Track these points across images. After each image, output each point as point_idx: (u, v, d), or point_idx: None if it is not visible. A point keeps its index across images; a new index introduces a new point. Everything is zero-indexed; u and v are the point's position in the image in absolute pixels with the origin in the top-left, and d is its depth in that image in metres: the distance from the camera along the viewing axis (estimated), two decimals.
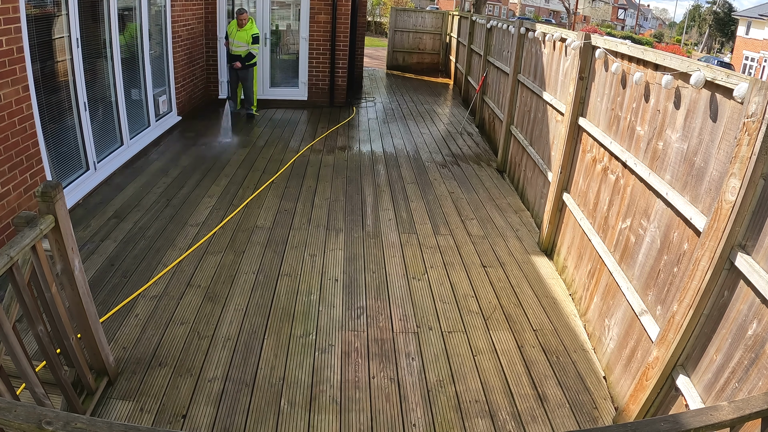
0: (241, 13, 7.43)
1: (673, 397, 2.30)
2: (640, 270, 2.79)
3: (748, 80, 1.96)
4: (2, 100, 3.44)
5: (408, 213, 4.91)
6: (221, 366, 2.82)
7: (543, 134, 4.89)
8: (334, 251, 4.11)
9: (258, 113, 8.12)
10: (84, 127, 4.76)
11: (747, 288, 1.90)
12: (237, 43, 7.55)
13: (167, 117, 7.12)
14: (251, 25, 7.53)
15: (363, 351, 3.03)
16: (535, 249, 4.44)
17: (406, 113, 9.19)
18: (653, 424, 1.51)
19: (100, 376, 2.58)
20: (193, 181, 5.35)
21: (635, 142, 2.99)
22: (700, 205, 2.28)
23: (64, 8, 4.39)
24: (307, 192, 5.26)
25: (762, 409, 1.57)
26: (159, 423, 2.44)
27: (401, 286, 3.71)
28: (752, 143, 1.85)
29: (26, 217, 2.02)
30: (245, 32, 7.45)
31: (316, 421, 2.52)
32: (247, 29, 7.46)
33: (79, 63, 4.59)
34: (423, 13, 15.14)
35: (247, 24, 7.46)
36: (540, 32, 5.16)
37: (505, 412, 2.66)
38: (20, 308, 1.99)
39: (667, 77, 2.54)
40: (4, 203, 3.53)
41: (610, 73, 3.41)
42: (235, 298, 3.42)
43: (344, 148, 6.80)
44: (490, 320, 3.40)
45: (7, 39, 3.44)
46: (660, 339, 2.34)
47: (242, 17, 7.39)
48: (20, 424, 1.30)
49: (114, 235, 4.12)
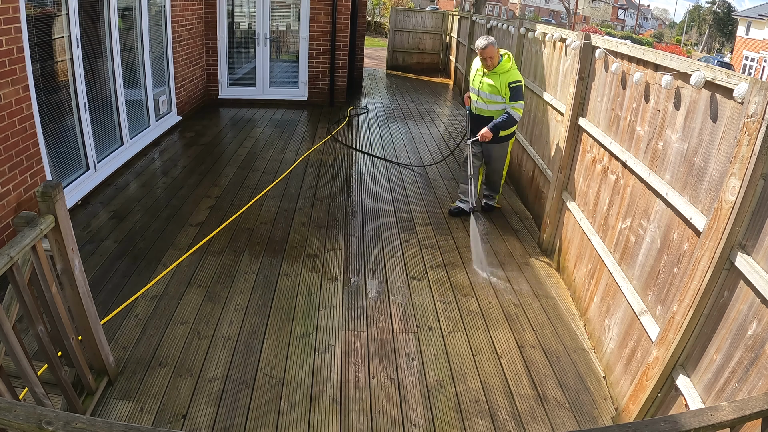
0: (484, 47, 4.26)
1: (673, 397, 2.30)
2: (640, 270, 2.79)
3: (748, 80, 1.96)
4: (2, 100, 3.44)
5: (408, 213, 4.91)
6: (221, 366, 2.82)
7: (543, 134, 4.89)
8: (333, 251, 4.11)
9: (500, 205, 5.19)
10: (84, 127, 4.76)
11: (747, 288, 1.90)
12: (483, 96, 4.46)
13: (167, 117, 7.12)
14: (507, 66, 4.35)
15: (363, 351, 3.03)
16: (535, 249, 4.44)
17: (406, 113, 9.19)
18: (653, 424, 1.51)
19: (100, 376, 2.58)
20: (193, 181, 5.35)
21: (635, 142, 2.99)
22: (700, 205, 2.28)
23: (64, 8, 4.39)
24: (307, 192, 5.26)
25: (762, 409, 1.57)
26: (159, 423, 2.43)
27: (401, 286, 3.71)
28: (752, 143, 1.85)
29: (26, 217, 2.02)
30: (497, 78, 4.34)
31: (316, 421, 2.52)
32: (501, 72, 4.33)
33: (79, 63, 4.59)
34: (423, 13, 15.13)
35: (500, 63, 4.35)
36: (540, 32, 5.16)
37: (505, 412, 2.66)
38: (20, 308, 1.99)
39: (667, 77, 2.54)
40: (4, 203, 3.53)
41: (610, 73, 3.41)
42: (235, 298, 3.42)
43: (344, 148, 6.80)
44: (490, 320, 3.40)
45: (7, 39, 3.44)
46: (660, 339, 2.34)
47: (487, 52, 4.27)
48: (20, 424, 1.30)
49: (114, 235, 4.12)
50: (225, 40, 8.62)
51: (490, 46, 4.26)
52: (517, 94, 4.31)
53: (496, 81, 4.36)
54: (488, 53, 4.28)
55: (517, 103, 4.32)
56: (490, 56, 4.30)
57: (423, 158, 6.63)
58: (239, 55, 9.53)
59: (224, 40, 8.60)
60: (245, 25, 9.49)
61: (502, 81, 4.33)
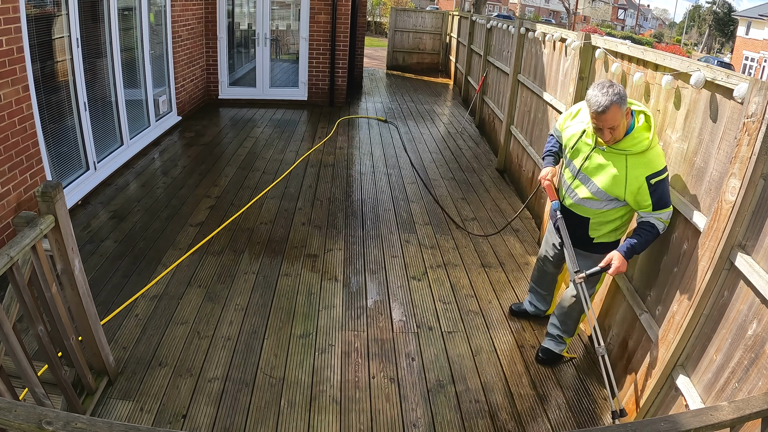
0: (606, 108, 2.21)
1: (673, 397, 2.30)
2: (639, 270, 2.79)
3: (748, 80, 1.96)
4: (2, 100, 3.44)
5: (408, 213, 4.91)
6: (221, 366, 2.82)
7: (543, 134, 4.89)
8: (333, 251, 4.11)
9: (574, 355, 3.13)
10: (84, 127, 4.76)
11: (747, 288, 1.90)
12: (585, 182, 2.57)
13: (167, 117, 7.12)
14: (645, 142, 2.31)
15: (363, 351, 3.03)
16: (536, 249, 4.44)
17: (406, 113, 9.19)
18: (653, 424, 1.51)
19: (100, 376, 2.58)
20: (193, 181, 5.35)
21: None
22: (700, 205, 2.28)
23: (64, 8, 4.39)
24: (307, 192, 5.26)
25: (762, 409, 1.57)
26: (159, 423, 2.43)
27: (401, 286, 3.71)
28: (752, 143, 1.85)
29: (26, 217, 2.02)
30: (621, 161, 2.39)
31: (316, 421, 2.52)
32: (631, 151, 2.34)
33: (79, 63, 4.59)
34: (423, 14, 15.13)
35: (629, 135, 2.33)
36: (540, 32, 5.16)
37: (505, 412, 2.66)
38: (20, 308, 1.99)
39: (667, 77, 2.54)
40: (4, 203, 3.53)
41: (610, 73, 3.41)
42: (235, 298, 3.42)
43: (344, 148, 6.80)
44: (490, 320, 3.40)
45: (7, 39, 3.44)
46: (660, 339, 2.34)
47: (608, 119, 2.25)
48: (20, 424, 1.30)
49: (114, 235, 4.12)
50: (225, 40, 8.61)
51: (614, 106, 2.23)
52: (663, 194, 2.34)
53: (619, 166, 2.40)
54: (610, 120, 2.27)
55: (663, 212, 2.37)
56: (612, 126, 2.30)
57: (423, 158, 6.64)
58: (239, 55, 9.53)
59: (224, 40, 8.59)
60: (245, 25, 9.49)
61: (631, 171, 2.36)
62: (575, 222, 2.70)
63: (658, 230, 2.38)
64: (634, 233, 2.44)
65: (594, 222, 2.63)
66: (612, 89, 2.25)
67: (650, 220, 2.39)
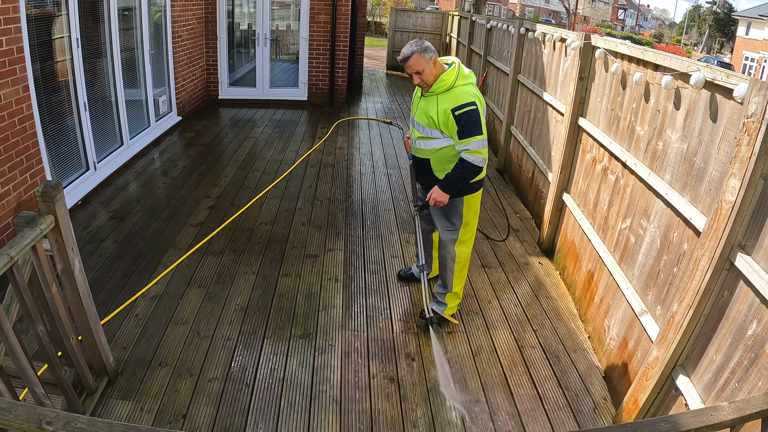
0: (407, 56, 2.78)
1: (673, 397, 2.30)
2: (639, 270, 2.79)
3: (747, 80, 1.96)
4: (2, 100, 3.44)
5: (408, 213, 4.91)
6: (221, 366, 2.82)
7: (543, 134, 4.89)
8: (333, 251, 4.11)
9: (457, 320, 3.31)
10: (84, 127, 4.76)
11: (747, 288, 1.90)
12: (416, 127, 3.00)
13: (167, 117, 7.13)
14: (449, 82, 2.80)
15: (363, 351, 3.03)
16: (535, 249, 4.44)
17: (407, 113, 9.18)
18: (653, 424, 1.51)
19: (100, 376, 2.58)
20: (193, 181, 5.35)
21: (635, 143, 2.99)
22: (700, 205, 2.28)
23: (64, 8, 4.39)
24: (307, 192, 5.26)
25: (762, 409, 1.57)
26: (159, 423, 2.43)
27: (401, 286, 3.71)
28: (752, 143, 1.85)
29: (26, 217, 2.02)
30: (432, 102, 2.85)
31: (316, 421, 2.52)
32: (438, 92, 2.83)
33: (79, 63, 4.59)
34: (423, 14, 15.14)
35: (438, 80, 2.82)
36: (540, 32, 5.16)
37: (505, 412, 2.66)
38: (20, 308, 1.99)
39: (667, 77, 2.54)
40: (4, 203, 3.53)
41: (609, 74, 3.41)
42: (235, 298, 3.42)
43: (344, 148, 6.80)
44: (490, 320, 3.40)
45: (7, 39, 3.44)
46: (660, 339, 2.34)
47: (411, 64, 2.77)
48: (20, 424, 1.30)
49: (114, 235, 4.12)
50: (225, 40, 8.62)
51: (415, 55, 2.72)
52: (468, 125, 2.70)
53: (432, 105, 2.82)
54: (413, 65, 2.74)
55: (469, 142, 2.71)
56: (417, 70, 2.75)
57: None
58: (239, 55, 9.53)
59: (224, 40, 8.60)
60: (245, 25, 9.49)
61: (440, 105, 2.77)
62: (422, 166, 3.06)
63: (469, 162, 2.78)
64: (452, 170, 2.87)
65: (434, 161, 2.98)
66: (417, 42, 2.80)
67: (461, 154, 2.81)
